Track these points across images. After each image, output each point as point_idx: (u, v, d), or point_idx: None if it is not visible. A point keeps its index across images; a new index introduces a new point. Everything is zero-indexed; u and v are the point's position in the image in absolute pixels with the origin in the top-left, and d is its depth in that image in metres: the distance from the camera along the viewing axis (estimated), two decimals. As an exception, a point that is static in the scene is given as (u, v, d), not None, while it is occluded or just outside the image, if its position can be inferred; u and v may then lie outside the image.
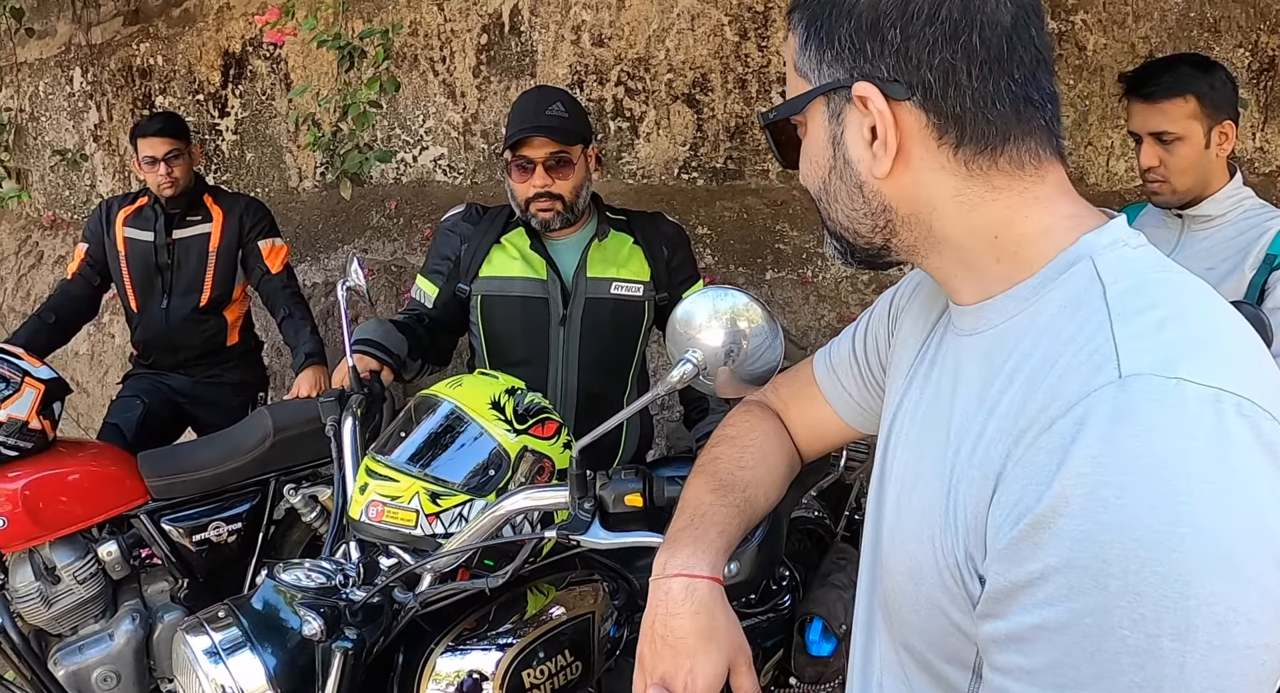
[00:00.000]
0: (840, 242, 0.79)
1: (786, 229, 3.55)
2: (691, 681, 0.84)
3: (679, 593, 0.87)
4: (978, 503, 0.63)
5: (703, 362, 1.07)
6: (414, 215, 3.74)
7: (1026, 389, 0.63)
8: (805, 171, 0.79)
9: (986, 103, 0.67)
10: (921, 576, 0.70)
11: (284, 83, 3.92)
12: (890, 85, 0.67)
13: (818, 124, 0.74)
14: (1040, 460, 0.58)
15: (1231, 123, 2.01)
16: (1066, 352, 0.61)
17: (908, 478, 0.77)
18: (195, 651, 1.36)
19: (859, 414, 1.04)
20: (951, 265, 0.74)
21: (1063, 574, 0.55)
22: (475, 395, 1.60)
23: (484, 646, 1.56)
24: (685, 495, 1.02)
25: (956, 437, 0.69)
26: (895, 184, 0.71)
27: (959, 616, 0.67)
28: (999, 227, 0.70)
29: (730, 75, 3.55)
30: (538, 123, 2.03)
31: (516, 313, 2.15)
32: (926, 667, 0.74)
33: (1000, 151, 0.68)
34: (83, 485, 2.44)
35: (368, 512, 1.51)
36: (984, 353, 0.71)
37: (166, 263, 2.95)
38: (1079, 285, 0.65)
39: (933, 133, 0.68)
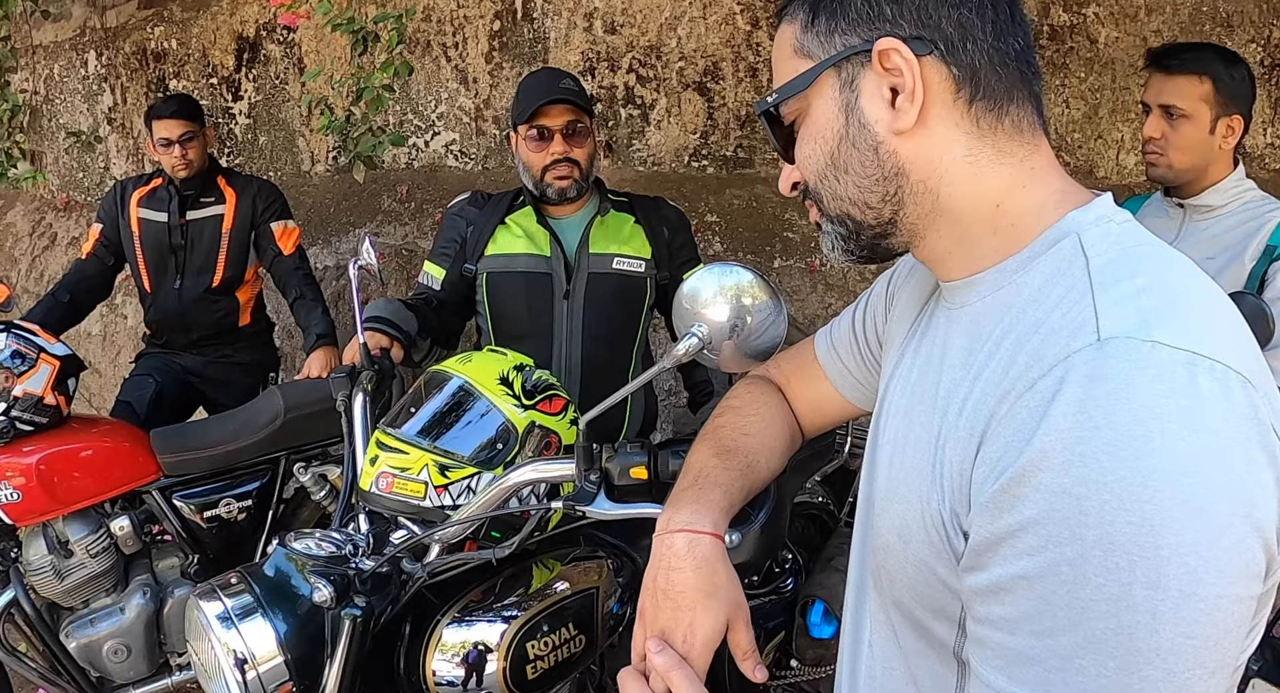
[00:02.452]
0: (845, 224, 0.79)
1: (795, 218, 3.56)
2: (690, 634, 0.85)
3: (681, 548, 0.88)
4: (963, 461, 0.66)
5: (708, 336, 1.09)
6: (425, 200, 3.76)
7: (1011, 354, 0.65)
8: (807, 154, 0.79)
9: (999, 59, 0.71)
10: (909, 534, 0.73)
11: (297, 67, 3.94)
12: (914, 41, 0.70)
13: (826, 99, 0.75)
14: (1021, 419, 0.60)
15: (1241, 118, 2.02)
16: (1050, 318, 0.64)
17: (897, 443, 0.79)
18: (208, 615, 1.39)
19: (858, 391, 1.07)
20: (948, 242, 0.76)
21: (1041, 526, 0.57)
22: (485, 371, 1.63)
23: (489, 617, 1.59)
24: (689, 460, 1.04)
25: (944, 401, 0.72)
26: (912, 142, 0.72)
27: (944, 572, 0.69)
28: (1001, 195, 0.72)
29: (741, 64, 3.56)
30: (554, 94, 2.08)
31: (521, 288, 2.19)
32: (915, 623, 0.76)
33: (1006, 111, 0.72)
34: (96, 461, 2.48)
35: (378, 483, 1.53)
36: (971, 323, 0.74)
37: (180, 244, 2.98)
38: (1063, 259, 0.68)
39: (951, 85, 0.71)
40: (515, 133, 2.18)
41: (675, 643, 0.85)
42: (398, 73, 2.66)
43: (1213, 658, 0.56)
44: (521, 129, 2.13)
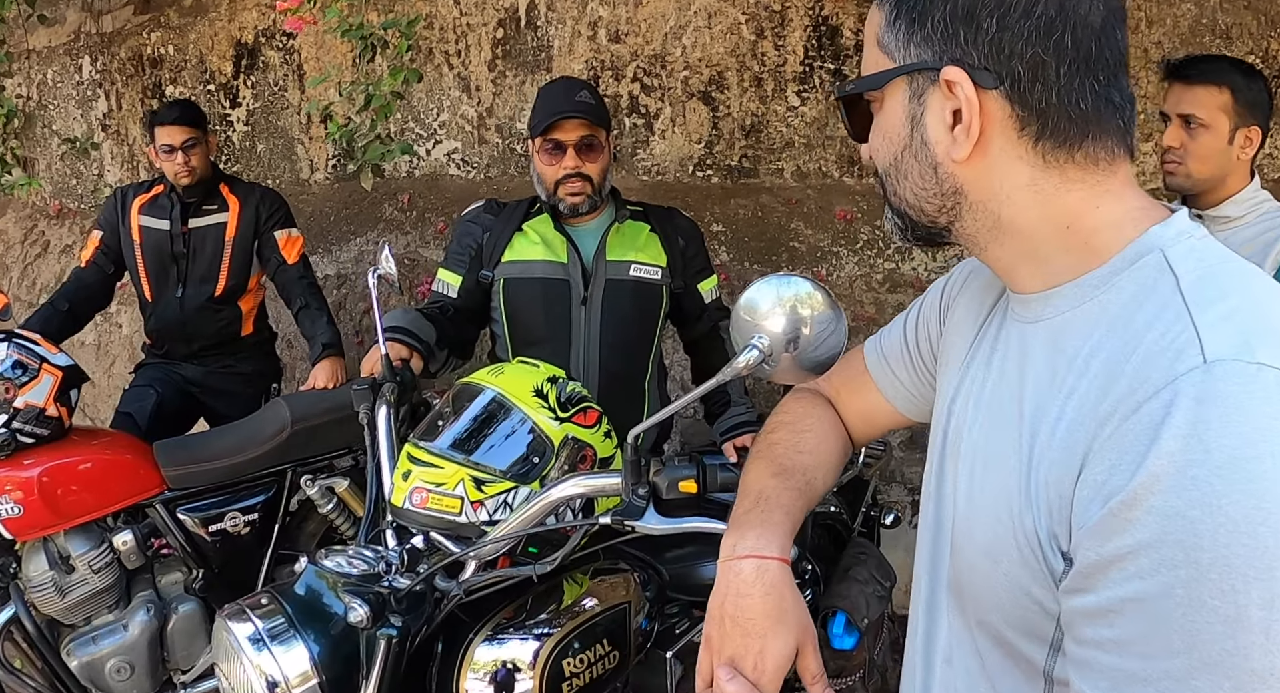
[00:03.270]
0: (902, 218, 0.81)
1: (801, 227, 3.55)
2: (761, 661, 0.85)
3: (750, 574, 0.88)
4: (1061, 483, 0.65)
5: (769, 348, 1.06)
6: (427, 208, 3.72)
7: (1106, 375, 0.64)
8: (875, 146, 0.80)
9: (1071, 100, 0.69)
10: (1000, 553, 0.71)
11: (297, 74, 3.89)
12: (980, 73, 0.69)
13: (896, 101, 0.75)
14: (1128, 442, 0.60)
15: (1259, 129, 2.05)
16: (1146, 339, 0.63)
17: (978, 460, 0.78)
18: (239, 637, 1.35)
19: (910, 401, 1.06)
20: (1014, 255, 0.75)
21: (1155, 549, 0.57)
22: (518, 383, 1.59)
23: (522, 635, 1.56)
24: (746, 480, 1.03)
25: (1032, 420, 0.71)
26: (971, 168, 0.72)
27: (1040, 592, 0.68)
28: (1071, 217, 0.71)
29: (746, 73, 3.56)
30: (569, 108, 2.08)
31: (538, 294, 2.18)
32: (1002, 642, 0.75)
33: (1078, 147, 0.70)
34: (99, 474, 2.42)
35: (411, 498, 1.50)
36: (1052, 339, 0.73)
37: (182, 252, 2.93)
38: (1150, 276, 0.67)
39: (1015, 123, 0.70)
40: (531, 143, 2.17)
41: (745, 670, 0.85)
42: (407, 80, 2.63)
43: None
44: (536, 141, 2.12)
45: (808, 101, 3.57)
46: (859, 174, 3.64)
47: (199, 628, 2.51)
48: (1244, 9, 3.42)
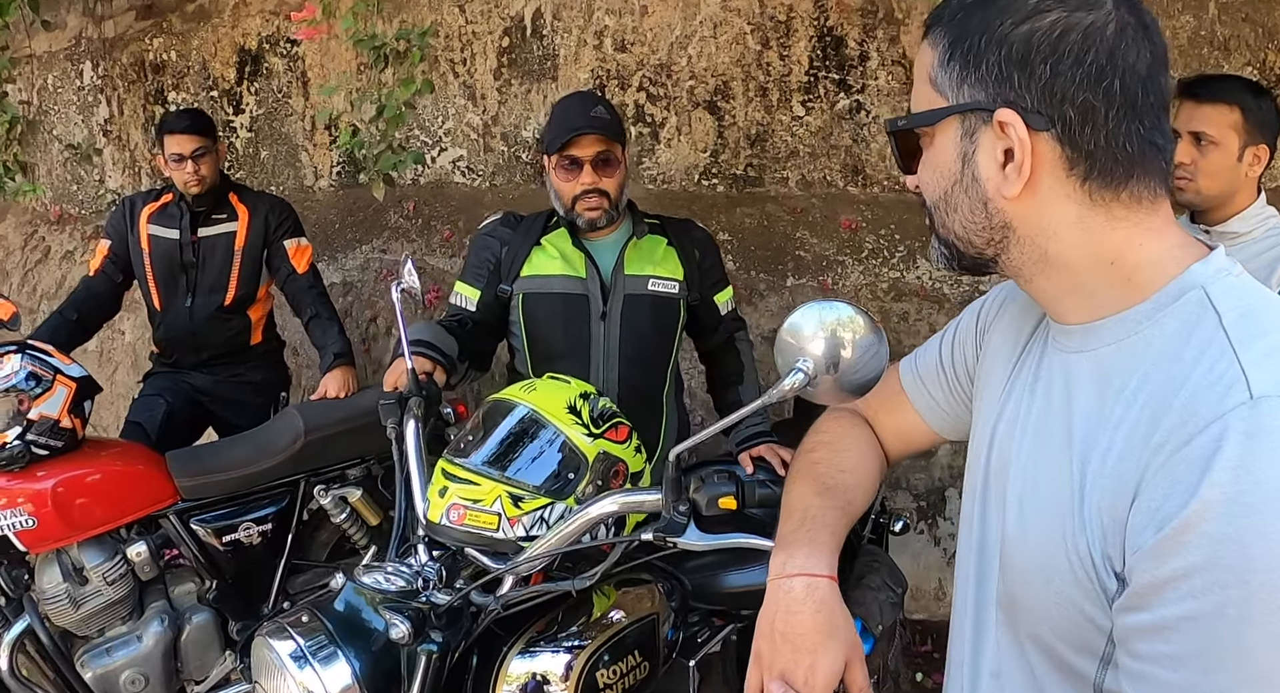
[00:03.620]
0: (949, 249, 0.84)
1: (806, 236, 3.57)
2: (811, 676, 0.87)
3: (801, 591, 0.91)
4: (1115, 508, 0.69)
5: (813, 370, 1.08)
6: (432, 216, 3.72)
7: (1155, 407, 0.69)
8: (925, 179, 0.83)
9: (1118, 143, 0.72)
10: (1053, 573, 0.75)
11: (301, 81, 3.88)
12: (1033, 115, 0.72)
13: (948, 138, 0.78)
14: (1181, 472, 0.64)
15: (1267, 148, 2.09)
16: (1194, 374, 0.67)
17: (1028, 485, 0.81)
18: (281, 654, 1.36)
19: (945, 420, 1.09)
20: (1059, 288, 0.79)
21: (1208, 571, 0.61)
22: (551, 400, 1.60)
23: (554, 648, 1.57)
24: (790, 498, 1.06)
25: (1082, 447, 0.74)
26: (1021, 205, 0.76)
27: (1092, 609, 0.72)
28: (1115, 254, 0.75)
29: (751, 83, 3.57)
30: (585, 124, 2.09)
31: (558, 309, 2.18)
32: (1053, 656, 0.78)
33: (1123, 187, 0.74)
34: (113, 485, 2.42)
35: (448, 515, 1.50)
36: (1098, 370, 0.76)
37: (191, 261, 2.92)
38: (1193, 312, 0.71)
39: (1064, 164, 0.73)
40: (547, 159, 2.17)
41: (796, 684, 0.88)
42: (420, 90, 2.63)
43: None
44: (553, 158, 2.13)
45: (812, 111, 3.59)
46: (863, 184, 3.67)
47: (212, 639, 2.51)
48: (1241, 21, 3.47)
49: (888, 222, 3.62)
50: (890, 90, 3.56)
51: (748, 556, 1.99)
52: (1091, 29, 0.71)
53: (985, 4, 0.75)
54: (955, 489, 3.36)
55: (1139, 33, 0.72)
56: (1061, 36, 0.71)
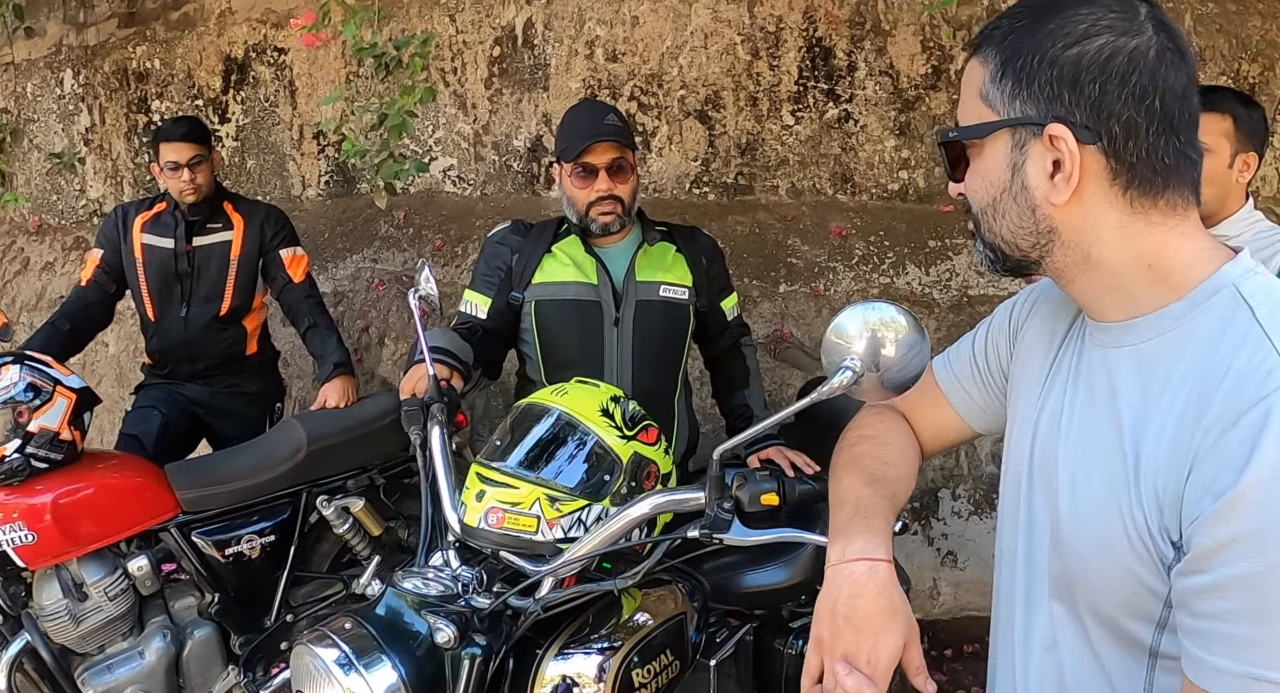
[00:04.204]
0: (995, 252, 0.91)
1: (798, 244, 3.61)
2: (874, 656, 0.91)
3: (863, 576, 0.94)
4: (1171, 484, 0.76)
5: (860, 369, 1.10)
6: (423, 226, 3.71)
7: (1201, 393, 0.76)
8: (973, 187, 0.89)
9: (1157, 156, 0.79)
10: (1111, 546, 0.81)
11: (289, 90, 3.85)
12: (1081, 130, 0.79)
13: (998, 150, 0.85)
14: (1232, 449, 0.71)
15: (1256, 155, 2.16)
16: (1235, 362, 0.75)
17: (1079, 469, 0.87)
18: (326, 661, 1.34)
19: (980, 415, 1.14)
20: (1100, 289, 0.86)
21: (1260, 536, 0.69)
22: (585, 403, 1.61)
23: (587, 650, 1.57)
24: (840, 489, 1.10)
25: (1133, 433, 0.81)
26: (1067, 212, 0.82)
27: (1149, 577, 0.79)
28: (1153, 256, 0.82)
29: (742, 93, 3.61)
30: (599, 131, 2.11)
31: (571, 316, 2.19)
32: (1111, 624, 0.84)
33: (1160, 196, 0.80)
34: (113, 499, 2.37)
35: (487, 519, 1.50)
36: (1139, 363, 0.83)
37: (186, 270, 2.88)
38: (1227, 307, 0.78)
39: (1108, 174, 0.80)
40: (560, 166, 2.19)
41: (860, 665, 0.91)
42: (421, 98, 2.63)
43: None
44: (567, 166, 2.14)
45: (802, 120, 3.64)
46: (852, 192, 3.72)
47: (215, 653, 2.47)
48: (1216, 32, 3.57)
49: (877, 228, 3.67)
50: (878, 100, 3.62)
51: (764, 557, 2.02)
52: (1136, 53, 0.77)
53: (1036, 27, 0.81)
54: (948, 490, 3.41)
55: (1176, 56, 0.79)
56: (1109, 59, 0.77)
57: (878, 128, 3.65)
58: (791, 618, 2.11)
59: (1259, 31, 3.64)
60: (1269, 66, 3.65)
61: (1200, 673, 0.74)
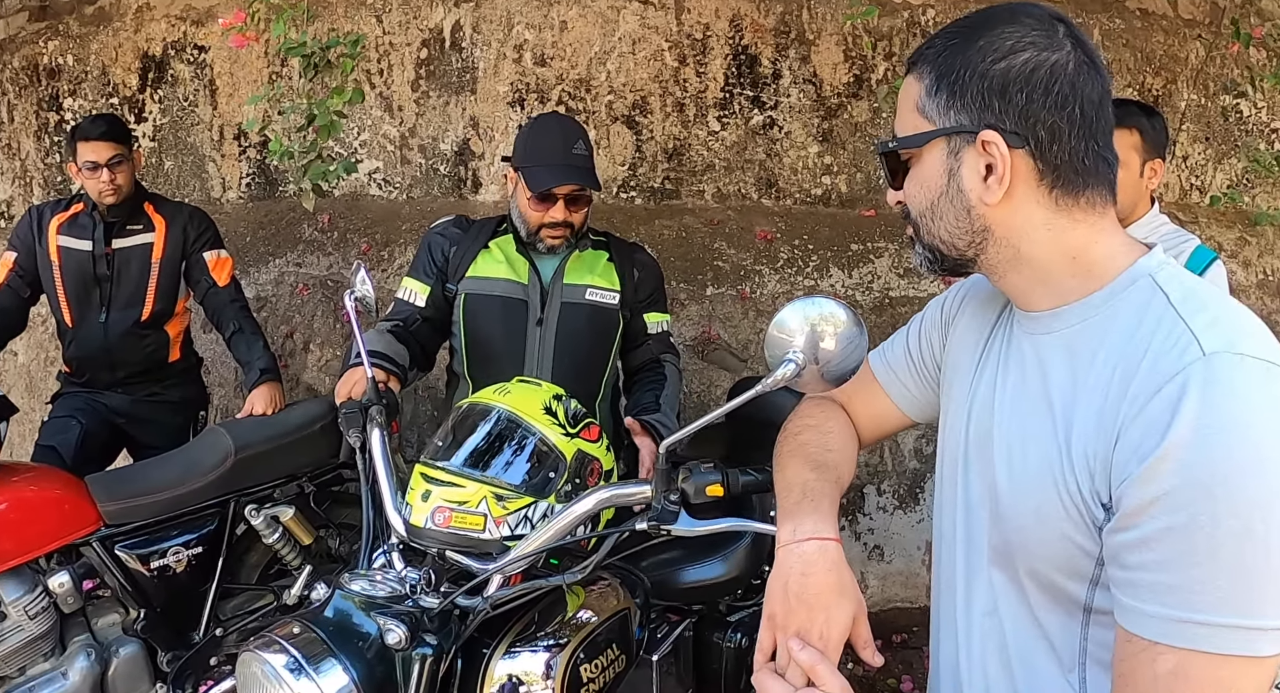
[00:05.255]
0: (934, 253, 0.98)
1: (724, 247, 3.67)
2: (827, 631, 0.95)
3: (814, 554, 0.98)
4: (1100, 452, 0.83)
5: (803, 362, 1.14)
6: (349, 229, 3.65)
7: (1125, 370, 0.83)
8: (911, 193, 0.97)
9: (1078, 158, 0.87)
10: (1047, 514, 0.88)
11: (209, 89, 3.75)
12: (1011, 135, 0.87)
13: (935, 157, 0.92)
14: (1154, 415, 0.78)
15: (1161, 162, 2.30)
16: (1154, 341, 0.82)
17: (1015, 446, 0.93)
18: (275, 666, 1.32)
19: (916, 405, 1.21)
20: (1029, 281, 0.93)
21: (1182, 490, 0.75)
22: (528, 402, 1.63)
23: (534, 647, 1.58)
24: (786, 476, 1.14)
25: (1062, 410, 0.88)
26: (999, 211, 0.90)
27: (1082, 538, 0.85)
28: (1076, 250, 0.90)
29: (669, 99, 3.66)
30: (568, 162, 2.11)
31: (497, 312, 2.21)
32: (1049, 586, 0.91)
33: (1082, 194, 0.89)
34: (30, 512, 2.29)
35: (433, 518, 1.50)
36: (1067, 346, 0.90)
37: (105, 274, 2.79)
38: (1145, 295, 0.86)
39: (1035, 175, 0.88)
40: (513, 172, 2.18)
41: (812, 640, 0.95)
42: (351, 99, 2.60)
43: None
44: (523, 180, 2.13)
45: (728, 126, 3.70)
46: (776, 196, 3.80)
47: (141, 671, 2.39)
48: (1123, 47, 3.76)
49: (801, 232, 3.75)
50: (802, 107, 3.70)
51: (701, 552, 2.06)
52: (1057, 65, 0.86)
53: (967, 45, 0.89)
54: (873, 486, 3.50)
55: (1092, 69, 0.87)
56: (1034, 71, 0.86)
57: (801, 134, 3.73)
58: (729, 612, 2.15)
59: (1162, 47, 3.84)
60: (1171, 80, 3.86)
61: (1131, 620, 0.80)
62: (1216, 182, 4.00)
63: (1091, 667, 0.89)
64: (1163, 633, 0.77)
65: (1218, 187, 4.01)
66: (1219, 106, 3.97)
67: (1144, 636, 0.79)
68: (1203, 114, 3.96)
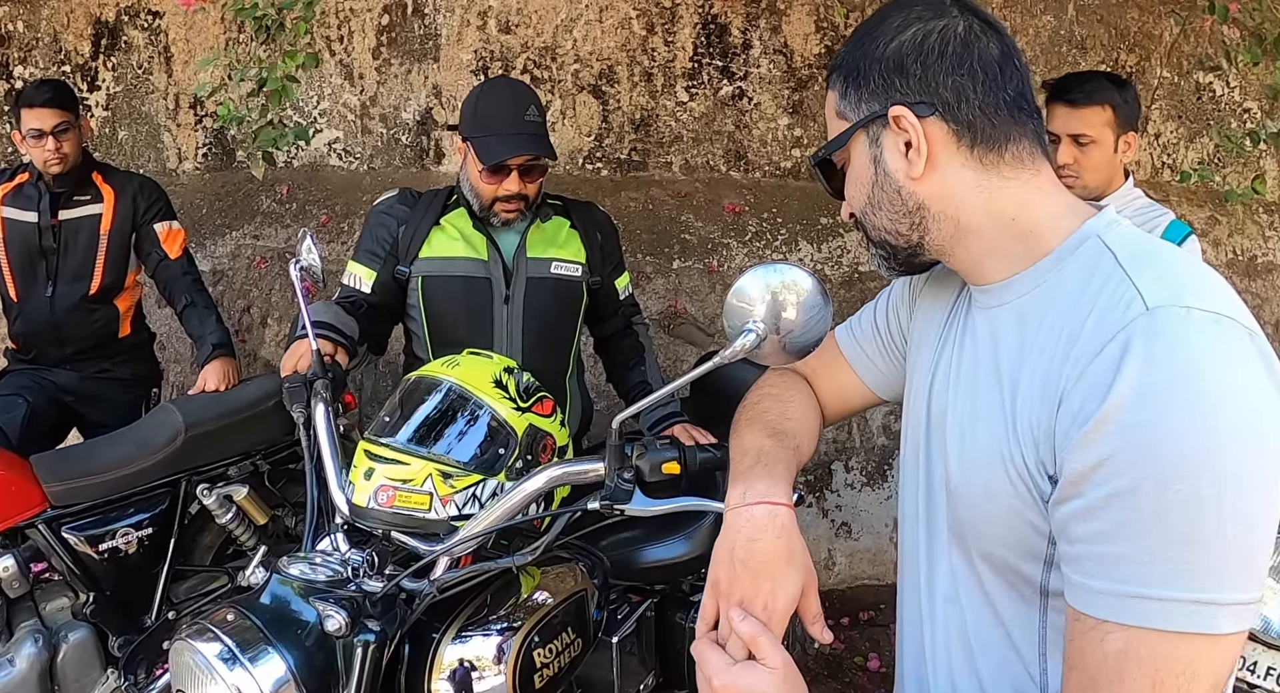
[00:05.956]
0: (884, 248, 0.96)
1: (691, 220, 3.62)
2: (772, 601, 0.89)
3: (763, 519, 0.93)
4: (1043, 420, 0.79)
5: (764, 332, 1.09)
6: (308, 201, 3.57)
7: (1068, 331, 0.79)
8: (851, 194, 0.96)
9: (990, 110, 0.86)
10: (996, 490, 0.84)
11: (163, 56, 3.64)
12: (917, 105, 0.86)
13: (860, 151, 0.92)
14: (1096, 376, 0.74)
15: (1134, 134, 2.26)
16: (1099, 299, 0.78)
17: (966, 423, 0.90)
18: (207, 656, 1.28)
19: (882, 381, 1.17)
20: (976, 254, 0.90)
21: (1125, 453, 0.71)
22: (477, 375, 1.57)
23: (486, 631, 1.54)
24: (742, 441, 1.09)
25: (1010, 380, 0.85)
26: (927, 184, 0.88)
27: (1032, 515, 0.81)
28: (1014, 210, 0.87)
29: (636, 68, 3.59)
30: (520, 130, 2.03)
31: (459, 293, 2.13)
32: (1003, 568, 0.87)
33: (1005, 148, 0.86)
34: (-28, 493, 2.20)
35: (376, 497, 1.45)
36: (1017, 316, 0.87)
37: (52, 246, 2.69)
38: (1092, 256, 0.83)
39: (953, 138, 0.87)
40: (463, 143, 2.10)
41: (755, 611, 0.89)
42: (304, 63, 2.51)
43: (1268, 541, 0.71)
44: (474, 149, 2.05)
45: (696, 97, 3.64)
46: (745, 169, 3.74)
47: (92, 656, 2.32)
48: (1097, 23, 3.72)
49: (770, 206, 3.70)
50: (772, 78, 3.64)
51: (662, 531, 2.02)
52: (945, 29, 0.87)
53: (862, 41, 0.91)
54: (840, 462, 3.49)
55: (986, 27, 0.87)
56: (923, 41, 0.87)
57: (771, 106, 3.68)
58: (692, 592, 2.11)
59: (1136, 23, 3.81)
60: (1145, 57, 3.82)
61: (1079, 598, 0.75)
62: (1188, 160, 3.98)
63: (1053, 655, 0.85)
64: (1111, 610, 0.72)
65: (1189, 165, 3.99)
66: (1192, 84, 3.95)
67: (1091, 614, 0.73)
68: (1175, 91, 3.94)
